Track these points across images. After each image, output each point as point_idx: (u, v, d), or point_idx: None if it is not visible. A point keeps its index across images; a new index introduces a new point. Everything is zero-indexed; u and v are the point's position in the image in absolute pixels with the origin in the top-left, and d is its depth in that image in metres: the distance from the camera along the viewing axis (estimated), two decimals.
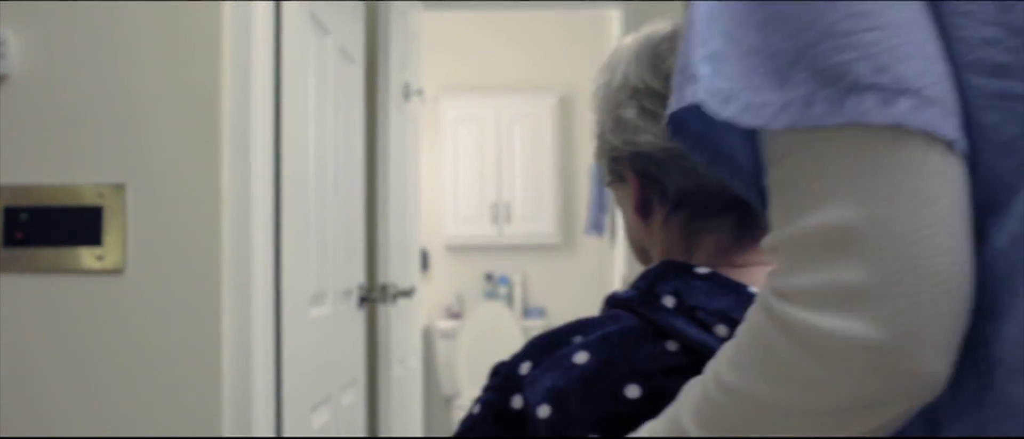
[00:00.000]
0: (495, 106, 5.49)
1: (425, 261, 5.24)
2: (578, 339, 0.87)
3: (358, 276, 2.70)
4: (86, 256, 1.88)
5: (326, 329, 2.32)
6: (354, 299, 2.63)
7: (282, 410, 1.96)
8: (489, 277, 5.59)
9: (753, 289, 0.83)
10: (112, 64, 1.89)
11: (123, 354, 1.87)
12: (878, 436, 0.56)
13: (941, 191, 0.53)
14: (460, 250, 5.54)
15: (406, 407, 3.25)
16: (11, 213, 1.88)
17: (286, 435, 1.97)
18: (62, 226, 1.88)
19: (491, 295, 5.51)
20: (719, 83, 0.56)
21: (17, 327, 1.87)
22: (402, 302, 2.99)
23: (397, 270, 3.03)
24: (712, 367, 0.61)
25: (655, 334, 0.84)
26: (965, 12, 0.56)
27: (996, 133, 0.55)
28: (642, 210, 0.91)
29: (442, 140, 5.58)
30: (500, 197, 5.51)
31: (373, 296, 2.76)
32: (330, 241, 2.37)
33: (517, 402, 0.87)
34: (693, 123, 0.60)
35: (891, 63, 0.53)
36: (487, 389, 0.91)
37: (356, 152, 2.69)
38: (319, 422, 2.23)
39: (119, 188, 1.88)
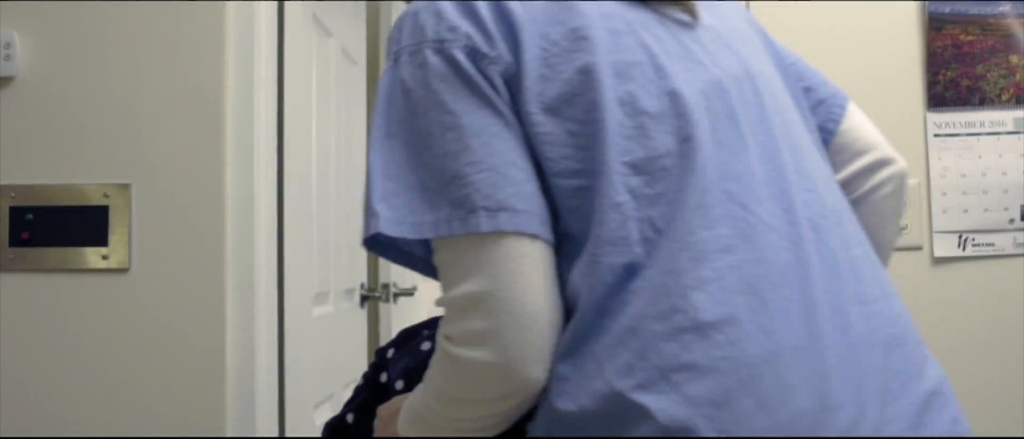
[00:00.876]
0: None
1: None
2: (426, 332, 1.16)
3: (360, 275, 2.72)
4: (91, 255, 1.90)
5: (328, 328, 2.33)
6: (356, 298, 2.65)
7: (285, 408, 1.98)
8: None
9: None
10: (117, 66, 1.90)
11: (128, 353, 1.88)
12: (515, 415, 0.86)
13: (529, 267, 0.82)
14: None
15: None
16: (17, 213, 1.90)
17: (289, 433, 1.99)
18: (68, 226, 1.90)
19: None
20: (391, 214, 0.85)
21: (23, 326, 1.89)
22: (403, 301, 3.01)
23: (398, 269, 3.05)
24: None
25: None
26: (548, 140, 0.85)
27: (576, 212, 0.85)
28: None
29: None
30: None
31: (375, 295, 2.78)
32: (332, 240, 2.38)
33: (383, 378, 1.17)
34: (382, 238, 0.87)
35: (493, 193, 0.82)
36: (369, 367, 1.20)
37: (358, 152, 2.70)
38: (322, 420, 2.25)
39: (124, 188, 1.90)
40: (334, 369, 2.40)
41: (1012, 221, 1.94)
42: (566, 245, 0.85)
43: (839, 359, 0.82)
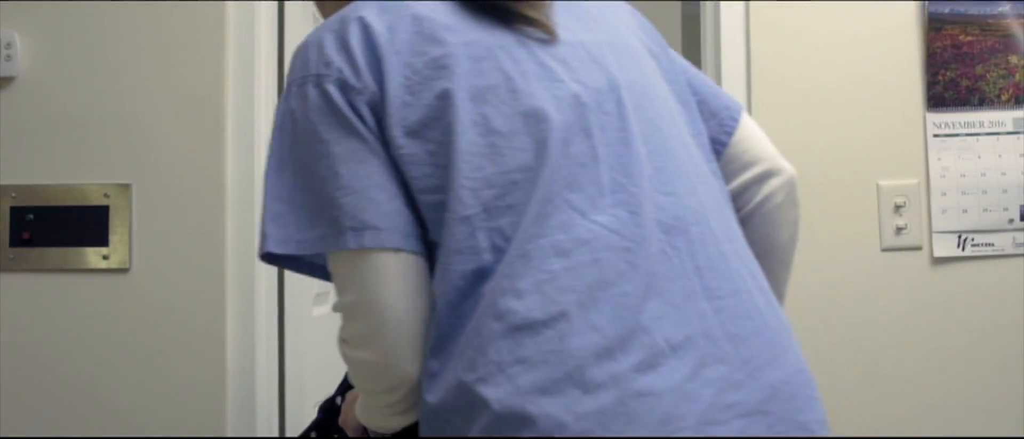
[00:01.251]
0: None
1: None
2: None
3: None
4: (92, 255, 1.90)
5: (328, 328, 2.33)
6: None
7: (285, 408, 1.98)
8: None
9: None
10: (117, 66, 1.91)
11: (129, 353, 1.89)
12: (410, 402, 0.98)
13: (394, 277, 0.94)
14: None
15: None
16: (18, 213, 1.90)
17: (289, 433, 1.99)
18: (68, 226, 1.90)
19: None
20: (280, 233, 0.97)
21: (24, 326, 1.89)
22: None
23: None
24: None
25: None
26: (411, 161, 0.95)
27: (436, 224, 0.95)
28: None
29: None
30: None
31: None
32: None
33: (339, 400, 1.40)
34: (279, 254, 0.98)
35: (358, 214, 0.94)
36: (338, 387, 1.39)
37: None
38: None
39: (125, 188, 1.90)
40: (334, 369, 2.40)
41: (1012, 221, 1.94)
42: (434, 253, 0.97)
43: (673, 349, 0.90)
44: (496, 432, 0.86)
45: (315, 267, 1.04)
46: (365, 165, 0.96)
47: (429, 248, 0.97)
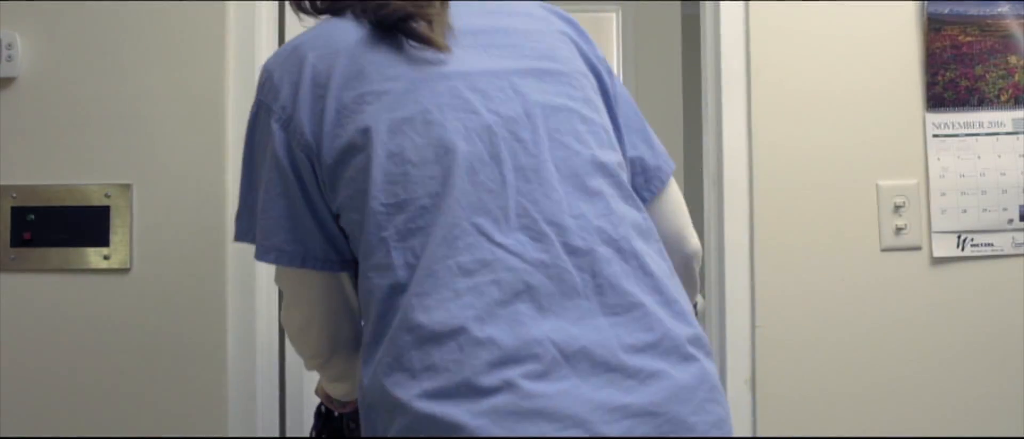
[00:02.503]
0: None
1: None
2: None
3: None
4: (93, 256, 1.90)
5: None
6: None
7: (285, 408, 1.99)
8: None
9: None
10: (118, 66, 1.91)
11: (129, 352, 1.89)
12: (325, 372, 1.32)
13: (315, 285, 1.19)
14: None
15: None
16: (19, 213, 1.90)
17: (289, 433, 2.00)
18: (69, 226, 1.90)
19: None
20: (241, 226, 1.23)
21: (25, 326, 1.90)
22: None
23: None
24: None
25: None
26: (335, 187, 1.11)
27: (357, 242, 1.11)
28: None
29: None
30: None
31: None
32: None
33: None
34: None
35: (269, 237, 1.15)
36: None
37: None
38: None
39: (125, 188, 1.90)
40: None
41: (1011, 221, 1.94)
42: (358, 265, 1.11)
43: (566, 358, 1.00)
44: (410, 432, 0.99)
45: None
46: (282, 198, 1.13)
47: (354, 259, 1.14)
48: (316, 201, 1.13)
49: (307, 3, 1.23)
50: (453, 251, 1.02)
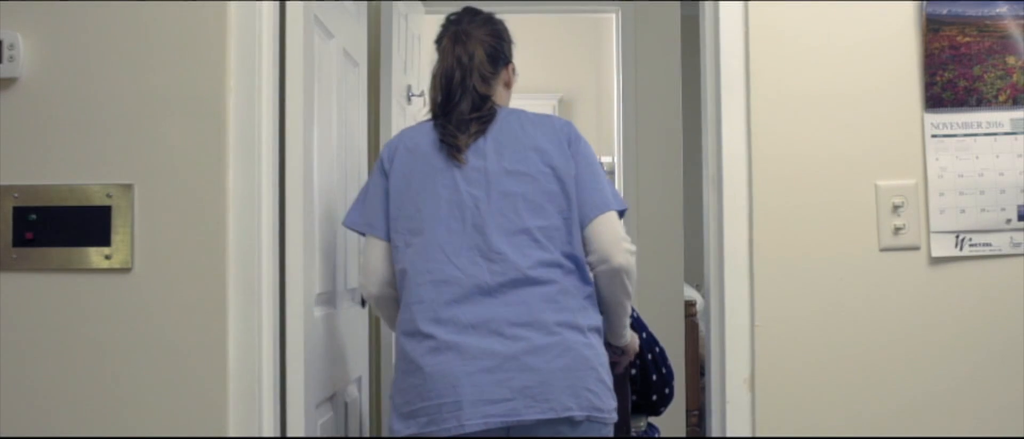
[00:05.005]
0: None
1: None
2: None
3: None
4: (94, 255, 1.91)
5: (331, 328, 2.34)
6: (358, 298, 2.66)
7: (286, 408, 1.99)
8: None
9: None
10: (120, 67, 1.92)
11: (130, 352, 1.90)
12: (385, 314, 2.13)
13: (377, 250, 2.04)
14: None
15: None
16: (21, 213, 1.91)
17: (290, 433, 2.00)
18: (71, 226, 1.91)
19: None
20: (350, 212, 2.12)
21: (26, 325, 1.90)
22: None
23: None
24: None
25: None
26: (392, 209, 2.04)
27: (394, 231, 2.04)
28: None
29: None
30: None
31: None
32: (335, 241, 2.39)
33: None
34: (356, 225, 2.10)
35: (366, 212, 2.06)
36: None
37: (358, 153, 2.72)
38: (323, 420, 2.26)
39: (127, 188, 1.91)
40: (337, 368, 2.41)
41: (1009, 221, 1.95)
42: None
43: (473, 325, 1.87)
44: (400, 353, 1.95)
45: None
46: (378, 196, 2.05)
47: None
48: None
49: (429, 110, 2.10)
50: (429, 268, 1.93)
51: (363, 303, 2.72)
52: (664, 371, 2.50)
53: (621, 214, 2.01)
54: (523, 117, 2.03)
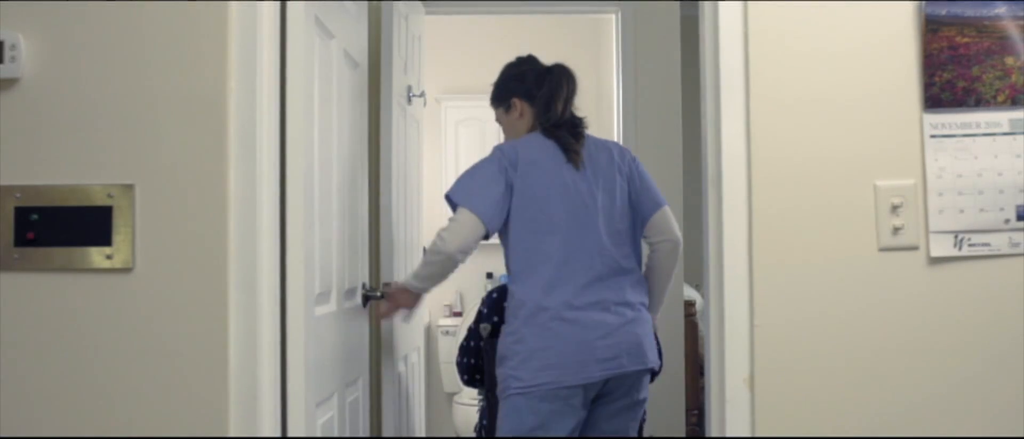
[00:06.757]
0: None
1: None
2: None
3: (362, 275, 2.73)
4: (96, 255, 1.92)
5: (331, 327, 2.35)
6: (358, 297, 2.67)
7: (287, 408, 1.99)
8: (490, 275, 5.62)
9: None
10: (121, 67, 1.92)
11: (131, 351, 1.90)
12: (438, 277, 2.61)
13: (469, 223, 2.48)
14: None
15: (409, 404, 3.28)
16: (22, 213, 1.91)
17: (291, 433, 2.00)
18: (72, 226, 1.91)
19: None
20: (453, 186, 2.57)
21: (27, 325, 1.91)
22: None
23: (400, 269, 3.06)
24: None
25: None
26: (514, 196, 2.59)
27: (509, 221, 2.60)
28: None
29: (444, 141, 5.61)
30: None
31: (376, 294, 2.79)
32: (335, 241, 2.40)
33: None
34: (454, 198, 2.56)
35: (477, 197, 2.51)
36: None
37: (359, 153, 2.72)
38: (324, 419, 2.27)
39: (128, 188, 1.91)
40: (338, 368, 2.42)
41: (1008, 221, 1.95)
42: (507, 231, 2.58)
43: (601, 328, 2.49)
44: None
45: (452, 204, 2.54)
46: (495, 184, 2.53)
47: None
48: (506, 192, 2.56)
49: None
50: (563, 254, 2.51)
51: (364, 303, 2.72)
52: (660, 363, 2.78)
53: None
54: (594, 140, 2.67)
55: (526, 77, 2.70)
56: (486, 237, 2.51)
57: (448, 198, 2.53)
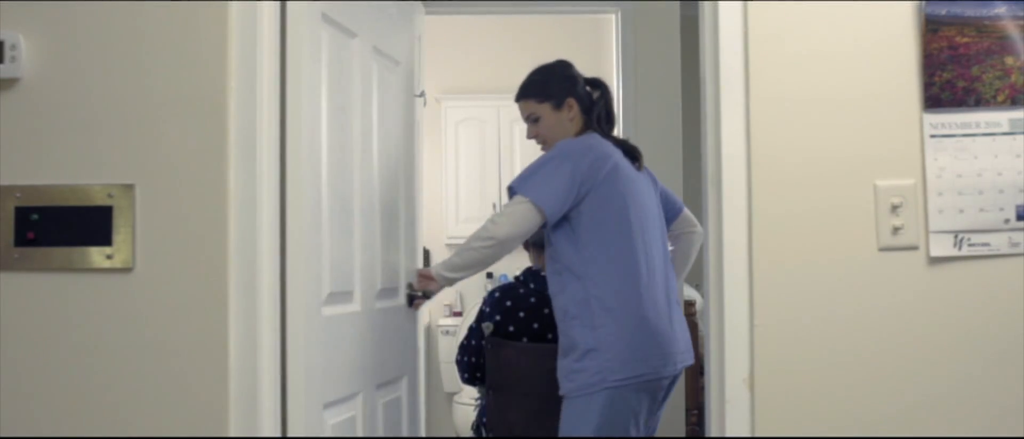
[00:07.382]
0: (496, 107, 5.52)
1: (427, 260, 5.27)
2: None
3: (406, 274, 2.71)
4: (96, 255, 1.92)
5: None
6: (401, 296, 2.64)
7: (287, 408, 1.99)
8: (490, 276, 5.62)
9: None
10: (121, 67, 1.93)
11: (131, 351, 1.90)
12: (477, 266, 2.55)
13: (528, 215, 2.48)
14: None
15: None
16: (22, 213, 1.92)
17: (291, 434, 2.00)
18: (72, 226, 1.92)
19: None
20: (516, 183, 2.56)
21: (28, 324, 1.91)
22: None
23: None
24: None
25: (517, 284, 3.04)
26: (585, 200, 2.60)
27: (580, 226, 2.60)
28: None
29: (444, 141, 5.61)
30: (501, 197, 5.54)
31: (419, 294, 2.77)
32: (359, 239, 2.37)
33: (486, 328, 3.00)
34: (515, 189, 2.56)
35: (543, 188, 2.50)
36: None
37: (397, 151, 2.69)
38: (335, 421, 2.25)
39: (128, 188, 1.91)
40: (363, 368, 2.40)
41: (1007, 221, 1.95)
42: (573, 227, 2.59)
43: (670, 324, 2.56)
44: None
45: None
46: (566, 185, 2.49)
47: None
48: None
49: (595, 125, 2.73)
50: (645, 256, 2.54)
51: (410, 302, 2.69)
52: None
53: None
54: None
55: (578, 80, 2.75)
56: (541, 227, 2.52)
57: (510, 189, 2.54)
